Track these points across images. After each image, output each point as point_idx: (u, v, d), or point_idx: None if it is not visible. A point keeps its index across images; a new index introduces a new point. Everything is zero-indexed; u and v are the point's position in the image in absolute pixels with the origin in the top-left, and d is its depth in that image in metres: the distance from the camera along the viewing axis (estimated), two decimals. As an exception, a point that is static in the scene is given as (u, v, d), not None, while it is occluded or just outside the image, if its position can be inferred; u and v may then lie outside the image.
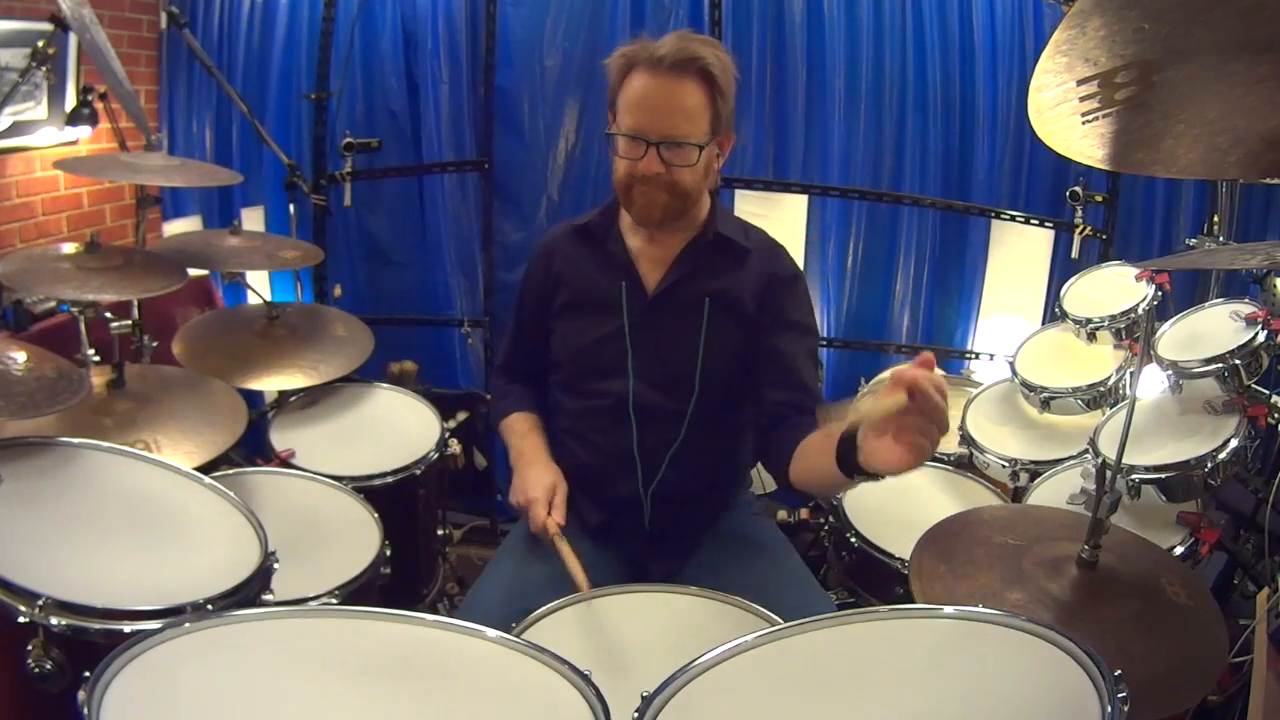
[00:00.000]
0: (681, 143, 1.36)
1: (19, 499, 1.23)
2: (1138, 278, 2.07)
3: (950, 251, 3.03)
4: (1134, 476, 1.62)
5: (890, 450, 1.00)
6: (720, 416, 1.52)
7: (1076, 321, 2.14)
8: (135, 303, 2.08)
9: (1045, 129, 0.99)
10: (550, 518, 1.42)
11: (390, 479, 1.95)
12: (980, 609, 0.97)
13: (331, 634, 0.96)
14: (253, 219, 3.06)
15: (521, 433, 1.61)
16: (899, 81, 2.87)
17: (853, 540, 1.85)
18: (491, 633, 0.97)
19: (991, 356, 2.99)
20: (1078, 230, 2.75)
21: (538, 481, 1.48)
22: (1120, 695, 0.80)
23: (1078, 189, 2.70)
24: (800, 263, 2.97)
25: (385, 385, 2.31)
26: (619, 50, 1.40)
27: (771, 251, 1.56)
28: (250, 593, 1.21)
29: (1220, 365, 1.69)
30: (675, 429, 1.49)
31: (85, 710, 0.80)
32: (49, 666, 1.05)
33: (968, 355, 3.06)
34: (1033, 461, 1.98)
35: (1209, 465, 1.59)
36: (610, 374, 1.51)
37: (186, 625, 0.93)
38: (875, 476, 1.09)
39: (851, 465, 1.11)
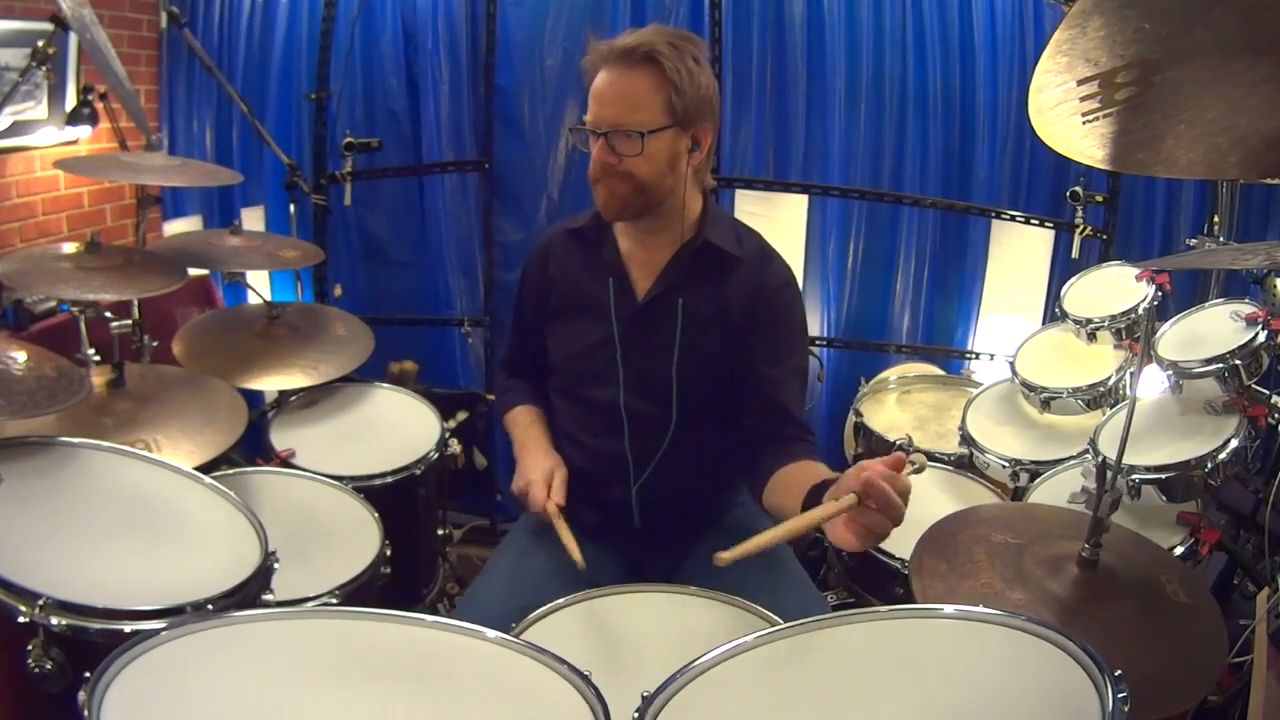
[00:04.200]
0: (628, 131, 1.35)
1: (19, 499, 1.23)
2: (1138, 278, 2.07)
3: (950, 251, 3.02)
4: (1134, 476, 1.62)
5: (840, 533, 1.06)
6: (710, 424, 1.50)
7: (1077, 321, 2.15)
8: (135, 302, 2.08)
9: (1046, 129, 0.99)
10: (550, 499, 1.43)
11: (390, 479, 1.95)
12: (980, 609, 0.97)
13: (331, 634, 0.96)
14: (253, 219, 3.06)
15: (524, 425, 1.62)
16: (899, 81, 2.86)
17: (853, 540, 1.85)
18: (491, 633, 0.97)
19: (992, 356, 2.99)
20: (1078, 230, 2.75)
21: (536, 465, 1.49)
22: (1120, 695, 0.80)
23: (1078, 189, 2.70)
24: (800, 263, 2.99)
25: (385, 385, 2.31)
26: (589, 49, 1.40)
27: (762, 260, 1.51)
28: (250, 593, 1.21)
29: (1220, 365, 1.69)
30: (662, 435, 1.49)
31: (85, 710, 0.80)
32: (49, 666, 1.05)
33: (968, 355, 3.06)
34: (1033, 461, 1.98)
35: (1209, 465, 1.59)
36: (601, 380, 1.50)
37: (187, 625, 0.93)
38: None
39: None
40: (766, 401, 1.44)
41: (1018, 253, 2.98)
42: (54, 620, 1.05)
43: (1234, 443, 1.61)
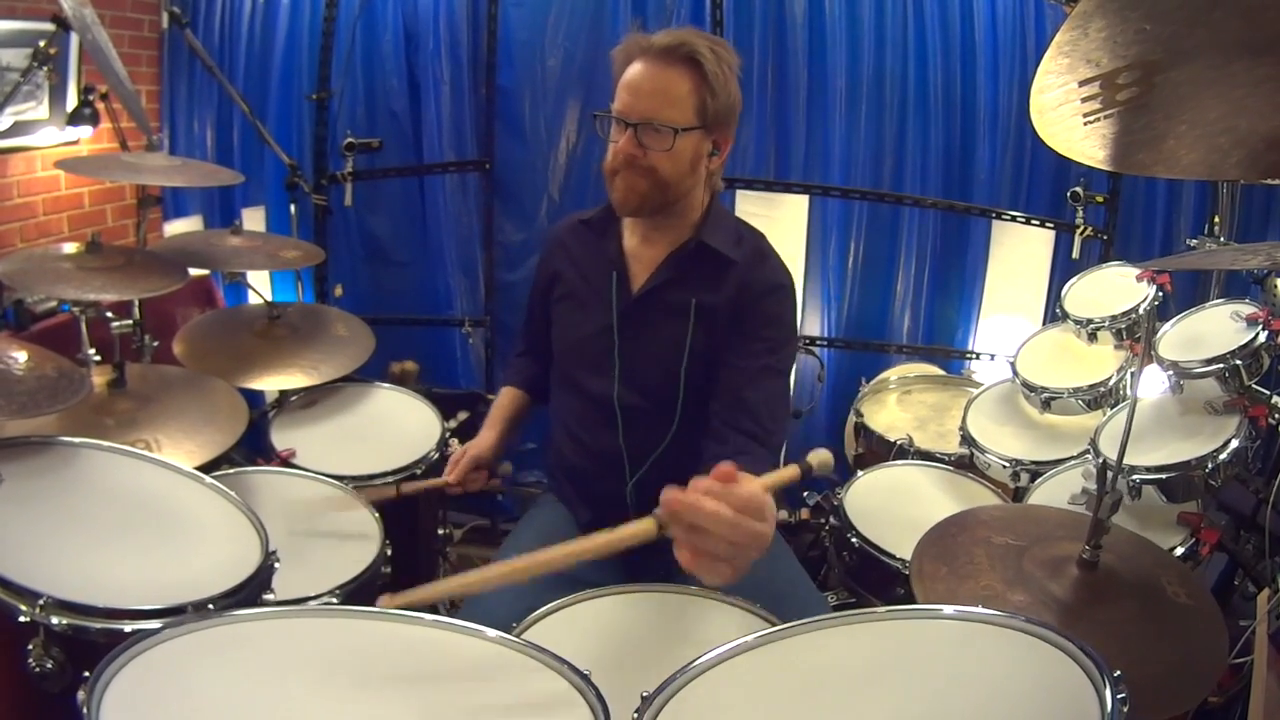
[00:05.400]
0: (659, 126, 1.35)
1: (20, 498, 1.23)
2: (1138, 278, 2.07)
3: (951, 252, 3.02)
4: (1135, 477, 1.62)
5: (684, 559, 0.91)
6: (705, 423, 1.50)
7: (1077, 322, 2.14)
8: (136, 302, 2.08)
9: (1047, 130, 0.99)
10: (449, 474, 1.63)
11: (391, 479, 1.95)
12: (980, 609, 0.97)
13: (332, 634, 0.96)
14: (254, 219, 3.06)
15: (497, 405, 1.75)
16: (900, 82, 2.87)
17: (853, 540, 1.85)
18: (491, 633, 0.97)
19: (992, 357, 2.99)
20: (1079, 231, 2.75)
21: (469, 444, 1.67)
22: (1120, 696, 0.80)
23: (1079, 189, 2.70)
24: (801, 263, 2.99)
25: (386, 385, 2.31)
26: (624, 40, 1.41)
27: (757, 261, 1.50)
28: (251, 592, 1.21)
29: (1221, 366, 1.69)
30: (661, 431, 1.49)
31: (85, 710, 0.80)
32: (49, 666, 1.05)
33: (968, 355, 3.06)
34: (1034, 462, 1.97)
35: (1209, 466, 1.59)
36: (596, 371, 1.52)
37: (187, 625, 0.93)
38: None
39: None
40: (728, 392, 1.42)
41: (1018, 253, 2.98)
42: (54, 619, 1.05)
43: (1234, 443, 1.61)
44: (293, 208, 2.77)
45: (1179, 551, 1.58)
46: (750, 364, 1.42)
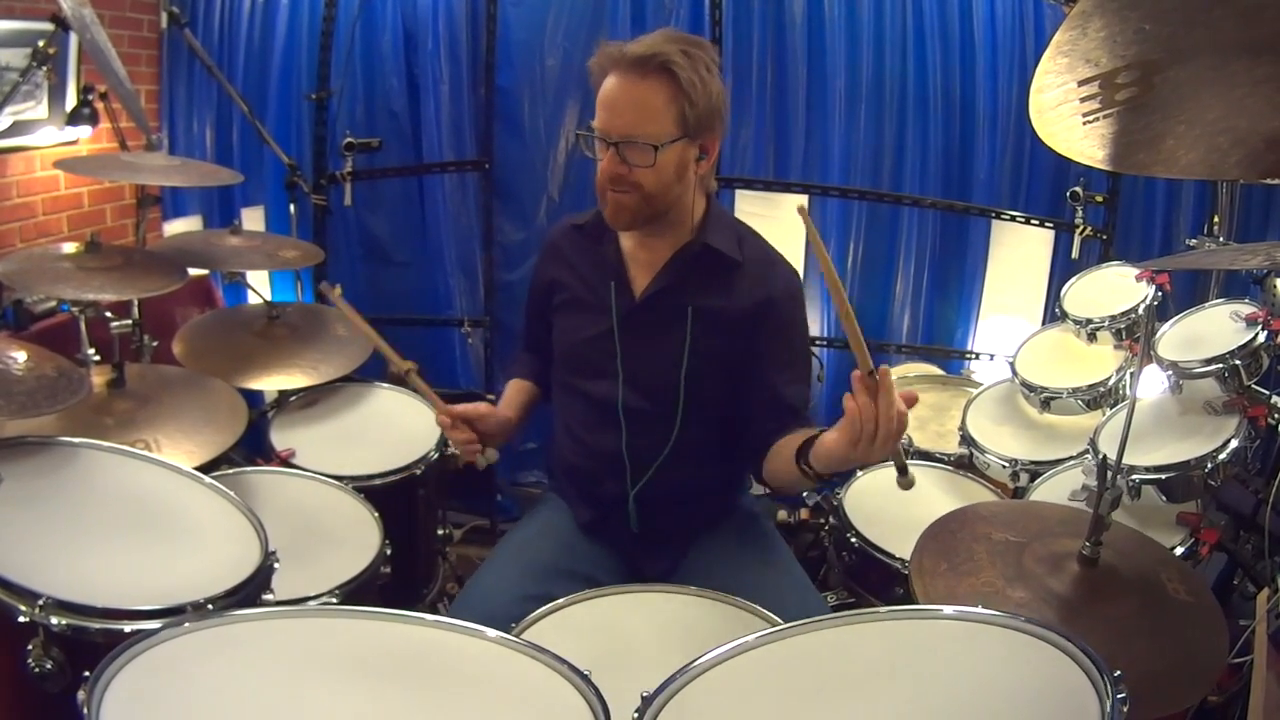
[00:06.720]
0: (639, 142, 1.34)
1: (19, 499, 1.23)
2: (1138, 278, 2.07)
3: (950, 252, 3.02)
4: (1134, 477, 1.62)
5: (833, 438, 1.16)
6: (709, 426, 1.50)
7: (1077, 322, 2.15)
8: (135, 302, 2.08)
9: (1046, 129, 0.99)
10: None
11: (390, 479, 1.95)
12: (980, 609, 0.97)
13: (331, 634, 0.96)
14: (253, 219, 3.06)
15: (505, 397, 1.70)
16: (899, 81, 2.86)
17: (853, 540, 1.85)
18: (491, 633, 0.97)
19: (992, 357, 2.98)
20: (1078, 230, 2.74)
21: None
22: (1119, 696, 0.80)
23: (1078, 189, 2.70)
24: (801, 263, 2.98)
25: (385, 385, 2.31)
26: (598, 51, 1.38)
27: (767, 266, 1.51)
28: (250, 592, 1.21)
29: (1220, 365, 1.69)
30: (664, 435, 1.49)
31: (85, 710, 0.80)
32: (49, 666, 1.06)
33: (968, 355, 3.05)
34: (1033, 462, 1.98)
35: (1209, 466, 1.59)
36: (599, 375, 1.51)
37: (186, 625, 0.93)
38: (819, 474, 1.26)
39: (804, 457, 1.26)
40: (774, 401, 1.45)
41: (1018, 253, 2.97)
42: (54, 620, 1.05)
43: (1234, 443, 1.61)
44: (292, 207, 2.77)
45: (1179, 551, 1.58)
46: (787, 373, 1.48)
